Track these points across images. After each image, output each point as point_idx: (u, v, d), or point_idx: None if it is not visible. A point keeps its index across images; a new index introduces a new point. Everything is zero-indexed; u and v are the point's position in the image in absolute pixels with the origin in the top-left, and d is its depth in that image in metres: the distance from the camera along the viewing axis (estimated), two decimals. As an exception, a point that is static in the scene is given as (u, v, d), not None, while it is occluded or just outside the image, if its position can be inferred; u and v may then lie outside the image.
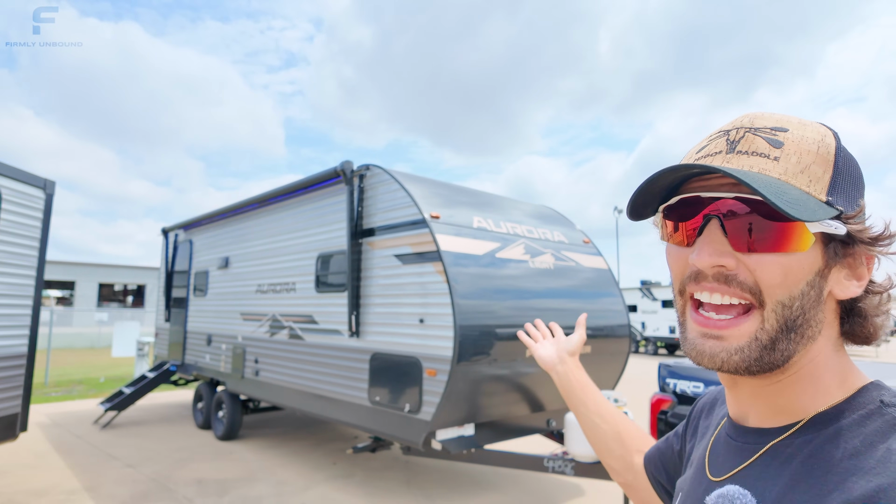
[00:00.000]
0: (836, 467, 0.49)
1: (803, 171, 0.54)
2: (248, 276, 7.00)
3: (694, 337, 0.58)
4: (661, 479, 0.88)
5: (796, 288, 0.54)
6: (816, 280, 0.54)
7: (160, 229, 9.70)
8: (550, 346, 1.18)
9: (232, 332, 7.15)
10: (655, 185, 0.58)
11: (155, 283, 34.80)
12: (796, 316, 0.54)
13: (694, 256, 0.56)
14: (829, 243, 0.55)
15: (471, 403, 4.28)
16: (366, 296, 4.98)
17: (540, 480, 5.48)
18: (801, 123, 0.58)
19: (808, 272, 0.54)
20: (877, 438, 0.49)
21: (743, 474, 0.58)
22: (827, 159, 0.55)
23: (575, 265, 5.41)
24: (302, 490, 5.09)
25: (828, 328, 0.57)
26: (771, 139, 0.56)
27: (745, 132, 0.58)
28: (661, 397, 3.58)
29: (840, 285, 0.56)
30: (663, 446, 0.89)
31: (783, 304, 0.54)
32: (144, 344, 11.21)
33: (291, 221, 6.24)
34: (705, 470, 0.65)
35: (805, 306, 0.54)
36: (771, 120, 0.58)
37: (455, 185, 5.67)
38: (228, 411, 6.98)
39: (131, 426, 7.75)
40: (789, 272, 0.54)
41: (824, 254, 0.55)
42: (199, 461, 6.03)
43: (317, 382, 5.41)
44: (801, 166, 0.54)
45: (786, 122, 0.58)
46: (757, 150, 0.56)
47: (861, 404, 0.54)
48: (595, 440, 1.03)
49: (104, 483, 5.24)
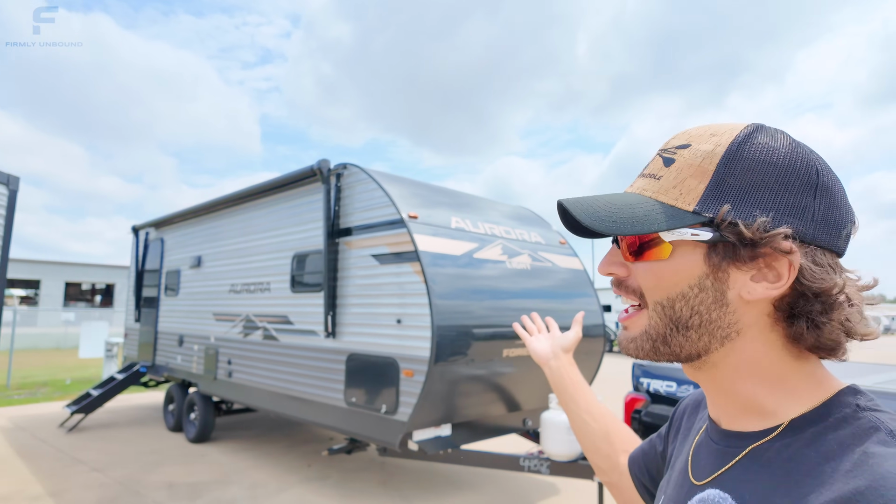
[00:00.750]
0: (813, 470, 0.50)
1: (676, 186, 0.59)
2: (221, 276, 6.88)
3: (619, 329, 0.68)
4: (644, 480, 0.88)
5: (674, 290, 0.59)
6: (707, 283, 0.57)
7: (130, 227, 9.47)
8: (545, 340, 1.18)
9: (204, 333, 7.02)
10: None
11: (124, 283, 33.96)
12: (687, 316, 0.58)
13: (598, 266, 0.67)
14: (714, 248, 0.56)
15: (448, 404, 4.28)
16: (342, 296, 4.94)
17: (516, 480, 5.51)
18: (709, 136, 0.59)
19: (687, 276, 0.58)
20: (853, 442, 0.50)
21: (723, 478, 0.59)
22: (706, 170, 0.57)
23: (551, 266, 5.46)
24: (276, 493, 5.02)
25: (764, 331, 0.57)
26: (667, 158, 0.61)
27: (657, 153, 0.64)
28: (634, 396, 3.63)
29: (746, 287, 0.56)
30: (647, 447, 0.90)
31: (662, 305, 0.59)
32: (113, 345, 10.93)
33: (266, 220, 6.16)
34: (688, 473, 0.66)
35: (696, 307, 0.58)
36: (683, 138, 0.62)
37: (433, 185, 5.66)
38: (201, 413, 6.85)
39: (99, 429, 7.55)
40: (661, 277, 0.59)
41: (707, 258, 0.57)
42: (170, 464, 5.90)
43: (292, 384, 5.35)
44: (675, 181, 0.59)
45: (696, 138, 0.60)
46: (651, 171, 0.63)
47: (837, 408, 0.54)
48: (583, 438, 1.03)
49: (70, 488, 5.09)
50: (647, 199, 0.60)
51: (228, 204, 6.88)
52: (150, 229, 9.08)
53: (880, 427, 0.50)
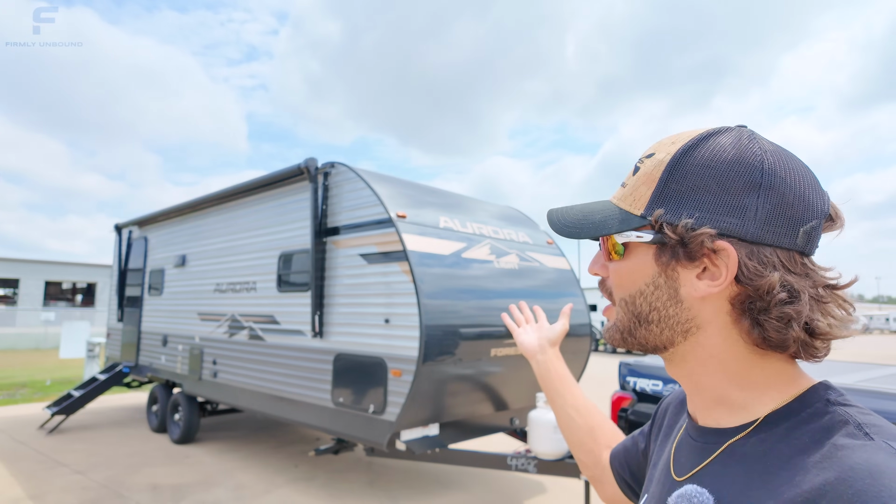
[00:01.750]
0: (786, 464, 0.52)
1: (632, 194, 0.64)
2: (206, 275, 6.81)
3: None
4: (625, 475, 0.89)
5: (634, 287, 0.64)
6: (661, 281, 0.62)
7: (113, 226, 9.33)
8: (533, 332, 1.18)
9: (189, 333, 6.94)
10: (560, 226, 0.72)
11: (106, 282, 33.44)
12: (647, 311, 0.63)
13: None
14: (663, 249, 0.61)
15: (436, 403, 4.28)
16: (330, 295, 4.92)
17: (503, 479, 5.53)
18: (669, 144, 0.63)
19: (642, 275, 0.63)
20: (823, 435, 0.52)
21: (702, 474, 0.60)
22: (653, 177, 0.62)
23: (539, 265, 5.48)
24: (262, 494, 4.98)
25: (725, 327, 0.59)
26: (636, 167, 0.66)
27: (636, 161, 0.67)
28: (621, 395, 3.66)
29: (692, 284, 0.59)
30: (629, 444, 0.91)
31: (625, 301, 0.66)
32: (95, 345, 10.75)
33: (252, 219, 6.10)
34: (670, 470, 0.68)
35: (653, 303, 0.63)
36: (653, 147, 0.66)
37: (422, 184, 5.65)
38: (185, 414, 6.77)
39: (80, 431, 7.43)
40: (623, 276, 0.66)
41: (656, 258, 0.62)
42: (153, 466, 5.83)
43: (278, 384, 5.31)
44: (632, 188, 0.65)
45: (659, 146, 0.64)
46: (624, 179, 0.68)
47: (809, 403, 0.56)
48: (568, 432, 1.04)
49: (51, 491, 5.00)
50: (611, 206, 0.67)
51: (214, 202, 6.81)
52: (133, 228, 8.95)
53: (849, 420, 0.52)
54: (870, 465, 0.46)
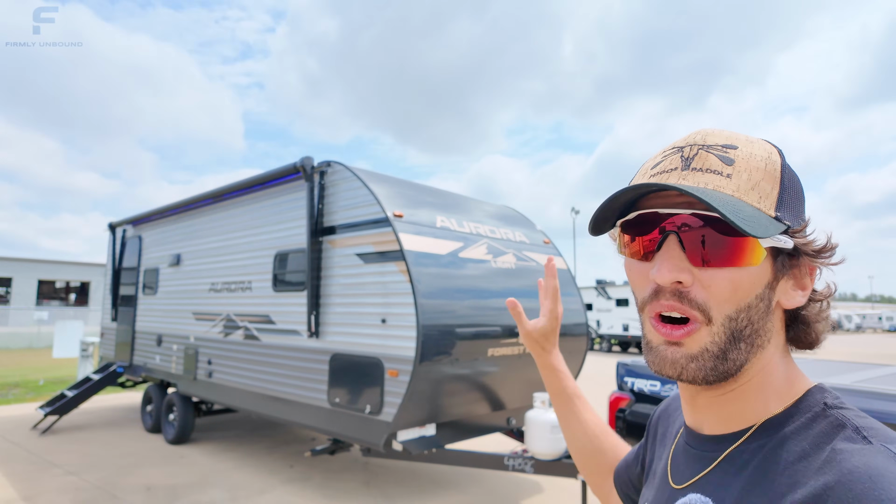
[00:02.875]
0: (787, 470, 0.52)
1: (754, 188, 0.56)
2: (201, 275, 6.77)
3: (657, 345, 0.59)
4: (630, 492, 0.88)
5: (744, 301, 0.56)
6: (766, 292, 0.57)
7: (107, 224, 9.27)
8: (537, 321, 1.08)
9: (184, 332, 6.89)
10: (617, 202, 0.60)
11: (100, 281, 33.27)
12: (743, 326, 0.56)
13: (654, 272, 0.58)
14: (778, 257, 0.58)
15: (432, 403, 4.26)
16: (326, 295, 4.89)
17: (500, 479, 5.52)
18: (749, 141, 0.60)
19: (757, 285, 0.56)
20: (823, 440, 0.52)
21: (703, 482, 0.60)
22: (774, 176, 0.58)
23: (536, 265, 5.47)
24: (257, 494, 4.95)
25: (776, 336, 0.60)
26: (722, 156, 0.58)
27: (698, 149, 0.60)
28: (619, 395, 3.65)
29: (787, 296, 0.59)
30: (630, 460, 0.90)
31: (730, 318, 0.56)
32: (89, 344, 10.68)
33: (248, 218, 6.07)
34: (668, 479, 0.67)
35: (753, 317, 0.56)
36: (721, 137, 0.60)
37: (418, 183, 5.64)
38: (180, 414, 6.73)
39: (74, 431, 7.37)
40: (739, 286, 0.56)
41: (773, 267, 0.57)
42: (148, 466, 5.79)
43: (274, 384, 5.28)
44: (751, 183, 0.56)
45: (734, 139, 0.60)
46: (711, 167, 0.58)
47: (807, 407, 0.57)
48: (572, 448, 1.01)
49: (44, 492, 4.95)
50: (736, 199, 0.55)
51: (208, 201, 6.77)
52: (127, 226, 8.89)
53: (847, 424, 0.53)
54: (869, 468, 0.46)
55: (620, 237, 0.65)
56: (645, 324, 0.61)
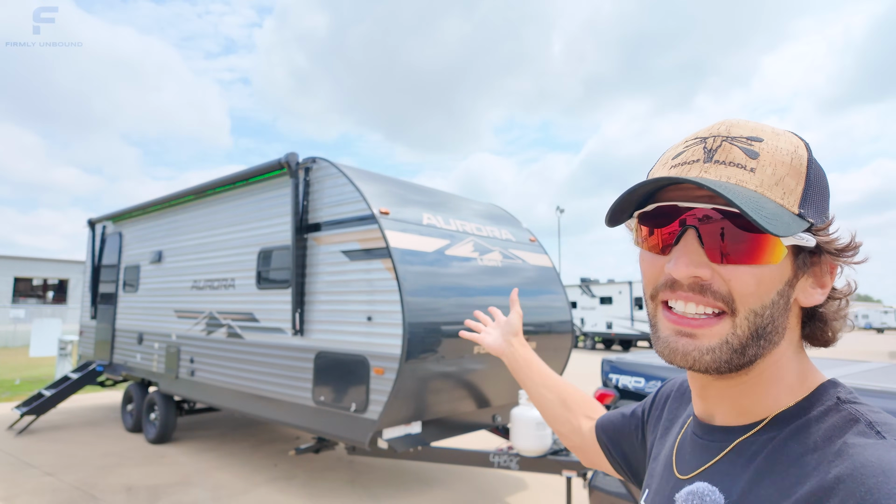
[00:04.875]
0: (797, 462, 0.52)
1: (778, 184, 0.55)
2: (183, 272, 6.67)
3: (667, 335, 0.58)
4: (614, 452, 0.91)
5: (767, 297, 0.55)
6: (786, 289, 0.56)
7: (86, 221, 9.09)
8: (495, 331, 1.20)
9: (166, 330, 6.79)
10: (636, 194, 0.59)
11: (79, 278, 32.66)
12: (766, 323, 0.56)
13: (671, 266, 0.57)
14: (799, 254, 0.57)
15: (418, 401, 4.25)
16: (311, 293, 4.85)
17: (485, 476, 5.53)
18: (775, 133, 0.59)
19: (778, 282, 0.56)
20: (835, 433, 0.52)
21: (710, 471, 0.60)
22: (800, 171, 0.56)
23: (522, 263, 5.48)
24: (241, 493, 4.90)
25: (790, 332, 0.59)
26: (747, 149, 0.56)
27: (721, 141, 0.58)
28: (604, 392, 3.68)
29: (805, 293, 0.58)
30: (619, 421, 0.92)
31: (755, 313, 0.55)
32: (67, 343, 10.49)
33: (231, 214, 5.99)
34: (673, 468, 0.67)
35: (774, 314, 0.56)
36: (746, 129, 0.59)
37: (405, 181, 5.61)
38: (161, 413, 6.63)
39: (52, 431, 7.23)
40: (762, 282, 0.55)
41: (794, 264, 0.56)
42: (128, 466, 5.69)
43: (257, 382, 5.23)
44: (775, 178, 0.55)
45: (760, 131, 0.58)
46: (734, 160, 0.56)
47: (820, 401, 0.56)
48: (544, 410, 1.07)
49: (20, 493, 4.85)
50: (759, 194, 0.54)
51: (191, 197, 6.67)
52: (107, 223, 8.73)
53: (860, 419, 0.52)
54: (882, 462, 0.46)
55: (638, 229, 0.63)
56: (656, 313, 0.61)
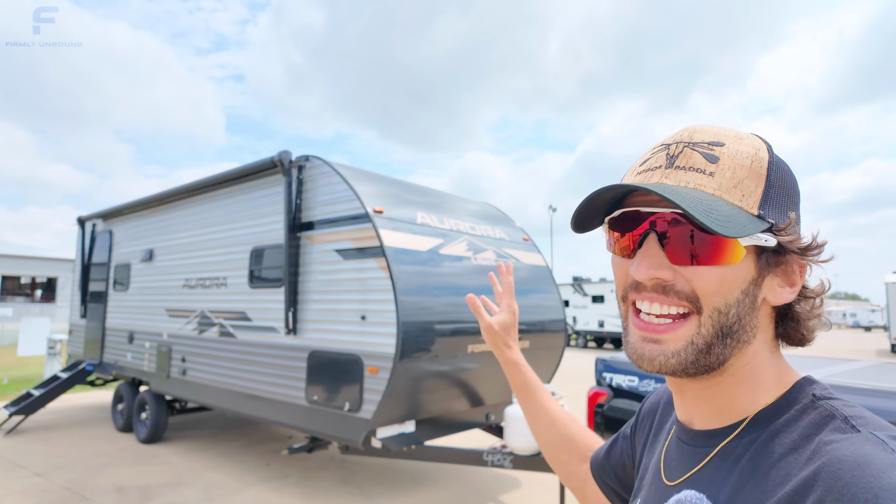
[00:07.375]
0: (778, 462, 0.53)
1: (736, 186, 0.57)
2: (174, 270, 6.62)
3: (635, 341, 0.60)
4: (610, 482, 0.88)
5: (731, 296, 0.57)
6: (750, 288, 0.57)
7: (76, 218, 9.01)
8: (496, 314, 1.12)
9: (157, 329, 6.74)
10: (597, 201, 0.61)
11: (68, 276, 32.36)
12: (732, 322, 0.57)
13: (633, 269, 0.59)
14: (762, 254, 0.58)
15: (412, 400, 4.24)
16: (304, 292, 4.83)
17: (478, 475, 5.53)
18: (738, 137, 0.60)
19: (741, 281, 0.57)
20: (812, 431, 0.53)
21: (696, 478, 0.60)
22: (759, 173, 0.58)
23: (515, 262, 5.49)
24: (233, 493, 4.87)
25: (763, 332, 0.60)
26: (707, 154, 0.58)
27: (683, 147, 0.60)
28: (597, 391, 3.69)
29: (773, 292, 0.59)
30: (611, 449, 0.89)
31: (719, 311, 0.56)
32: (56, 342, 10.39)
33: (223, 213, 5.95)
34: (661, 475, 0.67)
35: (740, 313, 0.57)
36: (709, 134, 0.61)
37: (399, 179, 5.60)
38: (152, 412, 6.58)
39: (41, 431, 7.15)
40: (724, 281, 0.56)
41: (757, 264, 0.58)
42: (119, 467, 5.65)
43: (250, 382, 5.20)
44: (734, 181, 0.57)
45: (723, 135, 0.60)
46: (694, 165, 0.58)
47: (796, 400, 0.57)
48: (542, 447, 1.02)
49: (9, 494, 4.79)
50: (716, 197, 0.56)
51: (183, 195, 6.62)
52: (97, 221, 8.65)
53: (836, 414, 0.53)
54: (857, 456, 0.47)
55: (609, 234, 0.65)
56: (627, 316, 0.63)
